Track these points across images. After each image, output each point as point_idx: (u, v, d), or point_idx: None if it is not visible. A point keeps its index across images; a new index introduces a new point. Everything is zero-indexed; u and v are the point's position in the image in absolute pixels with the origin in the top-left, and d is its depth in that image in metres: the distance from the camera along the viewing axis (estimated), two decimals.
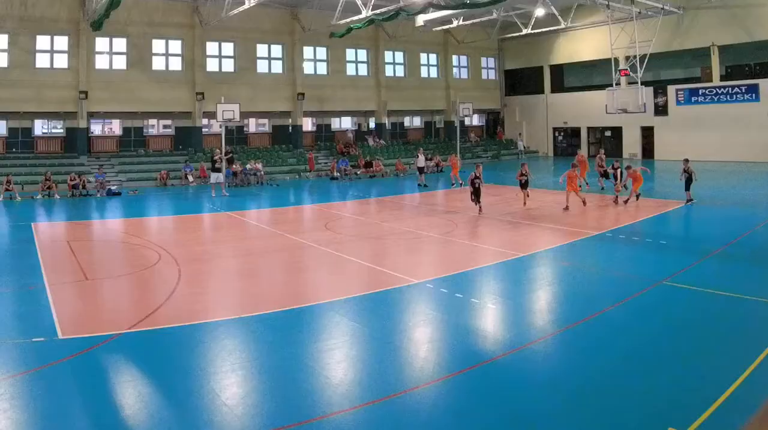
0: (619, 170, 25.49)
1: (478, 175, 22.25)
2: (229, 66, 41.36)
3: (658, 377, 8.27)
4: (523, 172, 23.82)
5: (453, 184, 31.36)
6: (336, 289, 13.18)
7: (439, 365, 8.97)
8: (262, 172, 36.66)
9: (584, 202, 23.09)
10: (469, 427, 7.13)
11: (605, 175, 27.57)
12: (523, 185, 23.98)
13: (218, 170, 31.01)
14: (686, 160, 23.21)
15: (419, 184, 32.54)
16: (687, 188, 22.96)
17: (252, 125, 44.72)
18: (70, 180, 30.37)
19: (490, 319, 11.29)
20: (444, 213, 23.71)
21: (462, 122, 47.18)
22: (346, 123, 48.67)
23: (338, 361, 9.29)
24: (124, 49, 37.16)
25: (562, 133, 51.37)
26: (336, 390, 8.19)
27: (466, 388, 8.20)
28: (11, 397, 7.86)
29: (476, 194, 22.22)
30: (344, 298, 12.28)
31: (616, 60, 36.97)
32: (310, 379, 8.55)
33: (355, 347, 9.89)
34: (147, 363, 9.10)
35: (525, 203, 23.58)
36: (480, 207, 22.24)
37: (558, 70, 50.98)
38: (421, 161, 34.18)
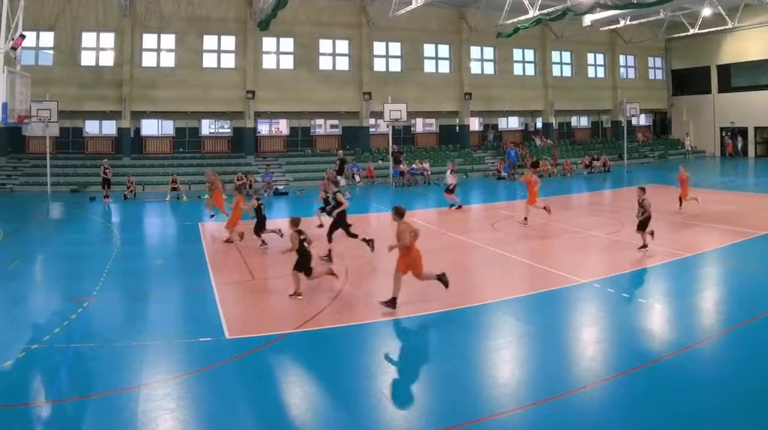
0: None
1: None
2: (396, 66, 42.41)
3: None
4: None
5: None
6: (502, 288, 13.57)
7: (606, 365, 9.19)
8: (429, 172, 37.14)
9: None
10: (636, 427, 7.25)
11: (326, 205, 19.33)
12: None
13: (341, 173, 31.67)
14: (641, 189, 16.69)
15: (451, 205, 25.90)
16: (641, 228, 16.16)
17: (419, 125, 45.56)
18: (237, 180, 31.79)
19: (656, 319, 11.53)
20: (611, 212, 24.18)
21: (629, 122, 48.27)
22: (513, 123, 49.23)
23: (505, 360, 9.56)
24: (291, 49, 39.18)
25: (729, 133, 51.01)
26: (503, 390, 8.43)
27: (633, 388, 8.30)
28: (178, 397, 8.26)
29: None
30: (511, 297, 12.67)
31: None
32: (476, 378, 8.77)
33: (522, 346, 10.16)
34: (313, 363, 9.32)
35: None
36: None
37: (725, 70, 50.44)
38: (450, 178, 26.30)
